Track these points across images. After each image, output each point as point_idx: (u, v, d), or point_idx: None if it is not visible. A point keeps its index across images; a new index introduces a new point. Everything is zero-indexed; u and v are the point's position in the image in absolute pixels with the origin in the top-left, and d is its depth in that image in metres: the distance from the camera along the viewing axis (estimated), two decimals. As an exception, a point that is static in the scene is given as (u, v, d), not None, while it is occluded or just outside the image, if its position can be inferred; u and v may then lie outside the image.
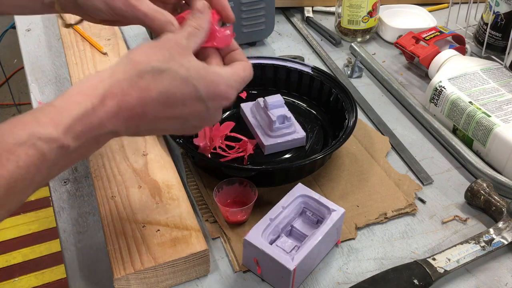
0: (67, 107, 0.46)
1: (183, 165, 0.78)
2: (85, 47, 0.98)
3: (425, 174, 0.79)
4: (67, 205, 0.73)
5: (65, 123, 0.45)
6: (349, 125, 0.77)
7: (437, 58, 0.93)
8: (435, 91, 0.86)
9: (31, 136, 0.43)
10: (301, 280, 0.64)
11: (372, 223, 0.71)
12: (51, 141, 0.44)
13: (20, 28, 1.10)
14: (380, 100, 0.95)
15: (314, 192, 0.68)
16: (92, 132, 0.47)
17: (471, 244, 0.66)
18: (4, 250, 1.83)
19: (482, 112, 0.79)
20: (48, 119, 0.45)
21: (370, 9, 1.05)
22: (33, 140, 0.43)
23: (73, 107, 0.46)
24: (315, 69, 0.88)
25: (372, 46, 1.09)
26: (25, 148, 0.43)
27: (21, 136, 0.43)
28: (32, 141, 0.43)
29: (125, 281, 0.59)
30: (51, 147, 0.44)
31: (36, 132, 0.44)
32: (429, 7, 1.18)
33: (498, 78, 0.86)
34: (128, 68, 0.49)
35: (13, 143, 0.43)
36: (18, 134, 0.43)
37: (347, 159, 0.80)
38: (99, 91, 0.47)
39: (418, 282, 0.61)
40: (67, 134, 0.45)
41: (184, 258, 0.61)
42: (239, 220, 0.69)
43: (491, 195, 0.72)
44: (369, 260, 0.67)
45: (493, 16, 0.99)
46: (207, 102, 0.53)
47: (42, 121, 0.44)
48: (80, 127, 0.46)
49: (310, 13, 1.17)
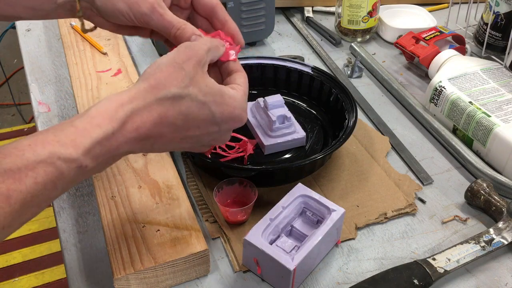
0: (88, 130, 0.47)
1: (183, 165, 0.78)
2: (85, 47, 0.98)
3: (425, 174, 0.79)
4: (67, 205, 0.73)
5: (85, 145, 0.46)
6: (349, 125, 0.77)
7: (437, 58, 0.93)
8: (435, 91, 0.86)
9: (51, 155, 0.44)
10: (301, 280, 0.64)
11: (372, 223, 0.71)
12: (70, 161, 0.45)
13: (20, 28, 1.10)
14: (380, 100, 0.95)
15: (314, 192, 0.68)
16: (109, 153, 0.48)
17: (471, 244, 0.66)
18: (4, 250, 1.83)
19: (482, 112, 0.79)
20: (69, 140, 0.46)
21: (370, 9, 1.05)
22: (53, 159, 0.44)
23: (93, 130, 0.47)
24: (315, 69, 0.88)
25: (372, 46, 1.09)
26: (44, 166, 0.44)
27: (42, 154, 0.44)
28: (52, 160, 0.44)
29: (125, 281, 0.59)
30: (70, 166, 0.45)
31: (57, 152, 0.45)
32: (429, 7, 1.18)
33: (498, 78, 0.86)
34: (147, 95, 0.50)
35: (33, 160, 0.44)
36: (39, 151, 0.44)
37: (347, 159, 0.80)
38: (119, 116, 0.48)
39: (418, 282, 0.61)
40: (87, 156, 0.46)
41: (184, 258, 0.61)
42: (239, 220, 0.69)
43: (491, 195, 0.72)
44: (369, 260, 0.67)
45: (493, 16, 0.99)
46: (220, 124, 0.54)
47: (63, 141, 0.45)
48: (99, 149, 0.47)
49: (310, 13, 1.17)
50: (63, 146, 0.45)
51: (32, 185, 0.43)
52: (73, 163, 0.45)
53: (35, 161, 0.44)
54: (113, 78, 0.91)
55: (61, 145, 0.45)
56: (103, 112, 0.48)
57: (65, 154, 0.45)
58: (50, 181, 0.44)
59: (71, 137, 0.46)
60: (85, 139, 0.46)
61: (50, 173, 0.44)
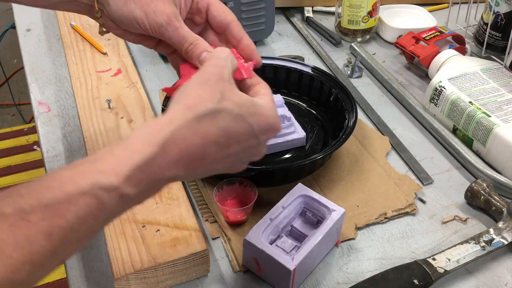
0: (127, 156, 0.45)
1: (183, 165, 0.78)
2: (85, 47, 0.98)
3: (425, 174, 0.79)
4: (67, 205, 0.73)
5: (126, 172, 0.44)
6: (349, 125, 0.77)
7: (437, 58, 0.93)
8: (435, 91, 0.86)
9: (92, 185, 0.42)
10: (301, 280, 0.64)
11: (372, 223, 0.71)
12: (112, 190, 0.43)
13: (20, 28, 1.10)
14: (380, 100, 0.95)
15: (314, 192, 0.68)
16: (151, 179, 0.46)
17: (471, 244, 0.66)
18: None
19: (482, 112, 0.79)
20: (109, 168, 0.44)
21: (370, 9, 1.05)
22: (95, 189, 0.42)
23: (133, 156, 0.45)
24: (315, 69, 0.88)
25: (372, 46, 1.09)
26: (85, 198, 0.42)
27: (82, 185, 0.42)
28: (93, 191, 0.42)
29: (125, 281, 0.59)
30: (112, 196, 0.43)
31: (98, 181, 0.43)
32: (429, 7, 1.18)
33: (498, 78, 0.86)
34: (185, 114, 0.48)
35: (74, 193, 0.42)
36: (79, 182, 0.42)
37: (347, 159, 0.80)
38: (159, 139, 0.46)
39: (418, 282, 0.61)
40: (128, 183, 0.44)
41: (184, 258, 0.61)
42: (239, 220, 0.69)
43: (491, 195, 0.72)
44: (369, 260, 0.67)
45: (493, 16, 0.99)
46: (259, 136, 0.53)
47: (103, 170, 0.44)
48: (140, 176, 0.45)
49: (310, 13, 1.17)
50: (104, 175, 0.43)
51: (73, 220, 0.41)
52: (115, 192, 0.43)
53: (76, 194, 0.42)
54: (113, 78, 0.91)
55: (101, 174, 0.43)
56: (141, 137, 0.46)
57: (106, 183, 0.43)
58: (91, 214, 0.42)
59: (111, 165, 0.44)
60: (125, 165, 0.44)
61: (92, 205, 0.42)
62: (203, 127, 0.48)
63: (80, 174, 0.43)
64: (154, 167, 0.46)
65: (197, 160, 0.49)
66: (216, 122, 0.49)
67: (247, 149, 0.53)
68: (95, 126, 0.81)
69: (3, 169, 2.12)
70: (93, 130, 0.80)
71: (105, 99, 0.85)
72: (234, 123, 0.50)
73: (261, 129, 0.53)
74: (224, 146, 0.50)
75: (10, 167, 2.13)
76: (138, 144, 0.46)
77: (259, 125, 0.52)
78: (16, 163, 2.15)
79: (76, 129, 0.85)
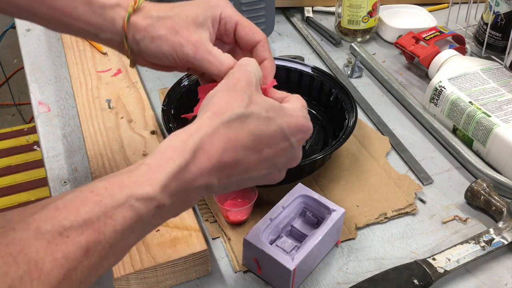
0: (161, 165, 0.45)
1: (183, 165, 0.78)
2: (85, 47, 0.98)
3: (425, 174, 0.79)
4: (67, 205, 0.73)
5: (161, 181, 0.44)
6: (349, 125, 0.77)
7: (437, 58, 0.93)
8: (435, 91, 0.86)
9: (129, 197, 0.42)
10: (301, 280, 0.64)
11: (372, 223, 0.71)
12: (148, 201, 0.43)
13: (20, 28, 1.10)
14: (380, 100, 0.95)
15: (314, 192, 0.68)
16: (185, 188, 0.46)
17: (471, 244, 0.66)
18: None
19: (482, 112, 0.79)
20: (144, 179, 0.44)
21: (370, 9, 1.05)
22: (131, 201, 0.42)
23: (167, 164, 0.45)
24: (315, 69, 0.88)
25: (372, 46, 1.09)
26: (123, 210, 0.42)
27: (119, 198, 0.42)
28: (130, 203, 0.42)
29: (125, 281, 0.59)
30: (148, 207, 0.43)
31: (134, 193, 0.42)
32: (429, 7, 1.18)
33: (498, 78, 0.86)
34: (214, 121, 0.48)
35: (112, 206, 0.41)
36: (116, 195, 0.42)
37: (347, 159, 0.80)
38: (190, 146, 0.46)
39: (418, 282, 0.61)
40: (163, 193, 0.44)
41: (184, 258, 0.61)
42: (239, 220, 0.69)
43: (491, 195, 0.72)
44: (369, 260, 0.67)
45: (493, 16, 0.99)
46: (290, 138, 0.52)
47: (138, 181, 0.43)
48: (175, 185, 0.45)
49: (310, 13, 1.17)
50: (139, 186, 0.43)
51: (111, 234, 0.41)
52: (151, 203, 0.43)
53: (113, 207, 0.41)
54: (113, 78, 0.91)
55: (137, 185, 0.43)
56: (172, 145, 0.46)
57: (142, 194, 0.43)
58: (128, 227, 0.42)
59: (146, 175, 0.44)
60: (160, 174, 0.44)
61: (129, 218, 0.42)
62: (232, 132, 0.48)
63: (116, 186, 0.43)
64: (187, 174, 0.46)
65: (229, 166, 0.48)
66: (245, 126, 0.49)
67: (280, 153, 0.52)
68: (95, 126, 0.81)
69: (3, 169, 2.12)
70: (93, 130, 0.80)
71: (105, 99, 0.85)
72: (264, 126, 0.50)
73: (292, 131, 0.52)
74: (256, 150, 0.50)
75: (10, 167, 2.13)
76: (170, 152, 0.46)
77: (289, 126, 0.52)
78: (16, 163, 2.15)
79: (76, 129, 0.85)
